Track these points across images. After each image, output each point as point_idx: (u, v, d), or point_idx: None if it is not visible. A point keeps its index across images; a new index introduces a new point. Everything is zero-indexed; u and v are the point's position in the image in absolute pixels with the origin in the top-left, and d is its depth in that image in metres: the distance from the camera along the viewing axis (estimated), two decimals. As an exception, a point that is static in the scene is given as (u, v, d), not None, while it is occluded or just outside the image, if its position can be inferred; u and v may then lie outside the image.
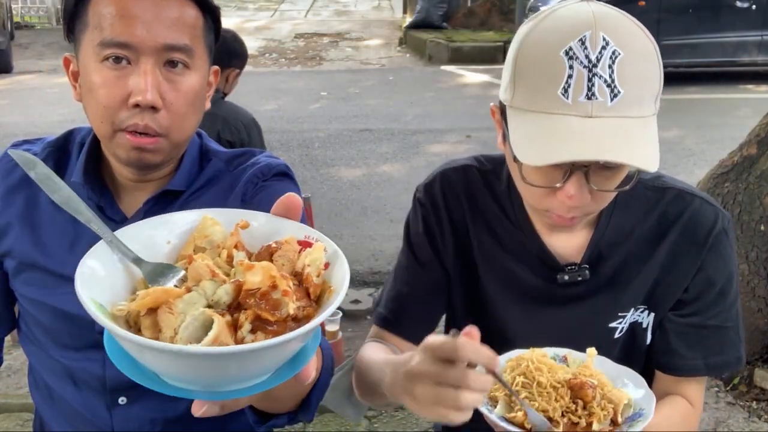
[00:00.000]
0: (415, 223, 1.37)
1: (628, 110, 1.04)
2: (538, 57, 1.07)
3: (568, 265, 1.28)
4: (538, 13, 1.14)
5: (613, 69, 1.03)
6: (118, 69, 1.11)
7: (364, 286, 4.34)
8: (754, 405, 3.18)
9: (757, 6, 9.24)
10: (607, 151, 1.02)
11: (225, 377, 0.65)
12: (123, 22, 1.09)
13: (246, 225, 0.75)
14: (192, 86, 1.16)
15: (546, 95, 1.05)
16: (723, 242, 1.27)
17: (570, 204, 1.10)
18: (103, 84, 1.11)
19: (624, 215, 1.27)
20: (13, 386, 3.35)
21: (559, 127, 1.03)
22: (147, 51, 1.10)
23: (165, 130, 1.13)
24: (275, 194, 1.05)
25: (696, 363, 1.29)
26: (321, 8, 17.82)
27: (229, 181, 1.26)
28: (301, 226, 0.76)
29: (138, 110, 1.10)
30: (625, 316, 1.30)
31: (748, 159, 3.31)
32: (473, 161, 1.37)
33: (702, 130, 7.24)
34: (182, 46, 1.13)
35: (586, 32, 1.04)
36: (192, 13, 1.15)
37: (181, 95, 1.14)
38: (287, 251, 0.71)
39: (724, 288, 1.28)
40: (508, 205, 1.32)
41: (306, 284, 0.69)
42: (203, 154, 1.29)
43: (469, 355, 0.93)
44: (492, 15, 13.31)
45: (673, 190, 1.29)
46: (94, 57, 1.12)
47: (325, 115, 8.33)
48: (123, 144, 1.13)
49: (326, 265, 0.71)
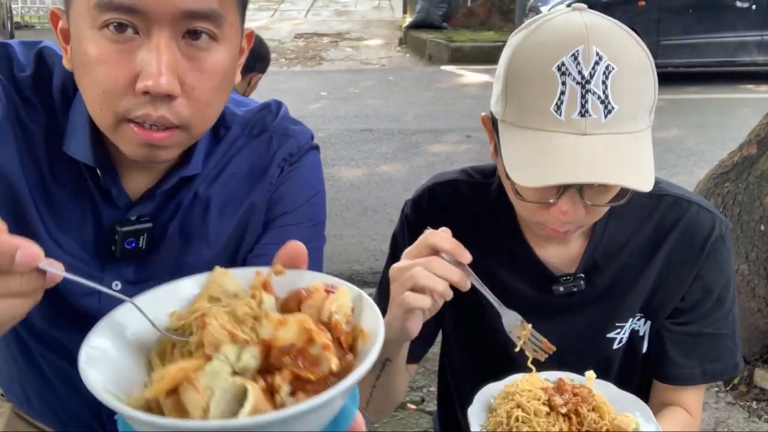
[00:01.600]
0: (402, 240, 1.35)
1: (622, 126, 1.02)
2: (529, 72, 1.05)
3: (563, 276, 1.26)
4: (530, 23, 1.11)
5: (607, 84, 1.01)
6: (122, 40, 0.84)
7: (364, 286, 4.33)
8: (754, 405, 3.18)
9: (757, 6, 9.24)
10: (601, 174, 1.00)
11: None
12: None
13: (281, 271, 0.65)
14: (220, 64, 0.90)
15: (538, 112, 1.03)
16: (720, 249, 1.26)
17: (564, 219, 1.09)
18: (101, 59, 0.85)
19: (619, 224, 1.26)
20: (13, 386, 3.35)
21: (553, 146, 1.01)
22: (161, 18, 0.83)
23: (184, 121, 0.89)
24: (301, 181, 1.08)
25: (693, 371, 1.28)
26: (321, 8, 17.82)
27: (249, 156, 1.07)
28: (316, 273, 0.67)
29: (149, 98, 0.85)
30: (623, 326, 1.29)
31: (748, 159, 3.31)
32: (462, 175, 1.35)
33: (702, 130, 7.24)
34: (208, 11, 0.85)
35: (579, 47, 1.01)
36: None
37: (206, 77, 0.88)
38: (317, 300, 0.63)
39: (721, 295, 1.27)
40: (500, 217, 1.29)
41: (336, 333, 0.61)
42: (219, 121, 1.04)
43: (432, 240, 1.04)
44: (492, 15, 13.31)
45: (669, 197, 1.27)
46: (89, 20, 0.84)
47: (325, 115, 8.33)
48: (129, 138, 0.89)
49: (353, 310, 0.65)
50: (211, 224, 1.06)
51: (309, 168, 1.10)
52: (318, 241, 1.12)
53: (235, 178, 1.07)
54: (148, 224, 1.01)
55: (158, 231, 1.03)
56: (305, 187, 1.10)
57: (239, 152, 1.07)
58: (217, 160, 1.06)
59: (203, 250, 1.06)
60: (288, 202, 1.08)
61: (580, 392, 1.06)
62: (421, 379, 3.36)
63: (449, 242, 1.05)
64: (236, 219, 1.07)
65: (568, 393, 1.05)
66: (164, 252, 1.04)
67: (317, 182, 1.12)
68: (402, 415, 3.11)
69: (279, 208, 1.07)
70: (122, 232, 0.99)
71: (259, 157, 1.07)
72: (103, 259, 1.03)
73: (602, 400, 1.07)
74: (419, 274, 1.02)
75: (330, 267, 4.56)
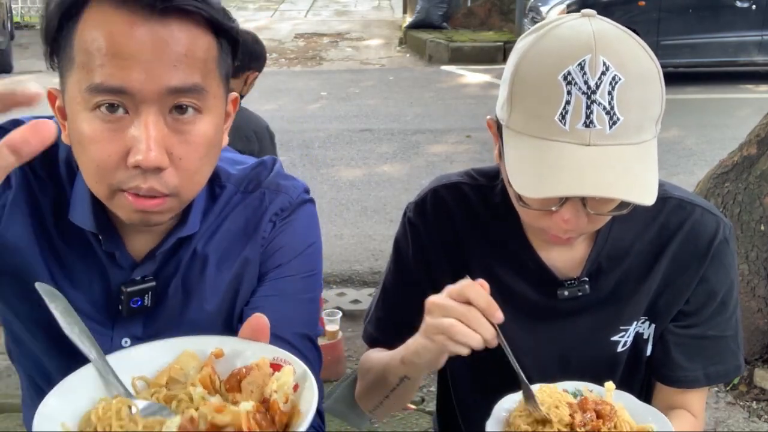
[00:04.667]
0: (404, 243, 1.34)
1: (627, 137, 1.01)
2: (535, 80, 1.04)
3: (568, 280, 1.25)
4: (538, 28, 1.10)
5: (613, 95, 1.00)
6: (113, 120, 0.90)
7: (364, 286, 4.34)
8: (754, 405, 3.18)
9: (757, 6, 9.24)
10: (604, 186, 1.00)
11: None
12: (115, 63, 0.87)
13: (220, 354, 0.76)
14: (205, 134, 0.95)
15: (543, 120, 1.02)
16: (724, 252, 1.25)
17: (566, 227, 1.08)
18: (94, 138, 0.91)
19: (624, 228, 1.25)
20: (13, 386, 3.35)
21: (555, 157, 1.01)
22: (148, 98, 0.89)
23: (174, 190, 0.94)
24: (295, 233, 1.12)
25: (697, 374, 1.27)
26: (321, 8, 17.82)
27: (243, 213, 1.12)
28: (271, 348, 0.76)
29: (140, 171, 0.91)
30: (628, 330, 1.28)
31: (748, 159, 3.31)
32: (465, 177, 1.34)
33: (702, 130, 7.25)
34: (191, 86, 0.92)
35: (586, 56, 1.00)
36: (203, 43, 0.93)
37: (192, 148, 0.94)
38: (256, 377, 0.71)
39: (725, 298, 1.27)
40: (504, 220, 1.28)
41: (272, 412, 0.68)
42: (214, 181, 1.10)
43: (470, 294, 1.03)
44: (492, 15, 13.30)
45: (673, 200, 1.26)
46: (82, 103, 0.91)
47: (325, 115, 8.34)
48: (124, 206, 0.95)
49: (295, 387, 0.70)
50: (209, 280, 1.10)
51: (303, 221, 1.14)
52: (313, 292, 1.16)
53: (230, 234, 1.11)
54: (151, 283, 1.06)
55: (161, 288, 1.08)
56: (299, 240, 1.14)
57: (234, 209, 1.12)
58: (213, 218, 1.11)
59: (204, 305, 1.10)
60: (282, 253, 1.12)
61: (602, 410, 1.05)
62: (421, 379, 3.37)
63: (484, 300, 1.04)
64: (231, 274, 1.11)
65: (590, 412, 1.05)
66: (168, 308, 1.09)
67: (312, 234, 1.16)
68: (402, 415, 3.11)
69: (273, 261, 1.12)
70: (128, 292, 1.05)
71: (252, 212, 1.12)
72: (112, 318, 1.08)
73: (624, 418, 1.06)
74: (457, 329, 1.03)
75: (330, 267, 4.55)
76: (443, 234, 1.31)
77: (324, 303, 3.92)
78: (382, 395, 1.26)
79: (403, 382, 1.21)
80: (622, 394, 1.12)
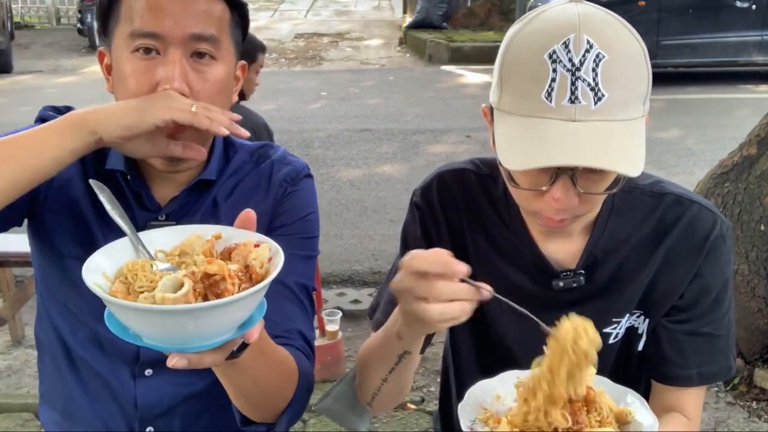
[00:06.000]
0: (412, 227, 1.36)
1: (612, 114, 1.03)
2: (522, 60, 1.07)
3: (564, 271, 1.27)
4: (527, 14, 1.13)
5: (597, 72, 1.02)
6: (148, 59, 1.16)
7: (364, 286, 4.34)
8: (754, 405, 3.19)
9: (757, 6, 9.25)
10: (587, 157, 1.01)
11: (184, 334, 0.85)
12: (152, 14, 1.15)
13: (219, 236, 1.00)
14: (219, 76, 1.21)
15: (530, 98, 1.04)
16: (720, 248, 1.26)
17: (557, 207, 1.09)
18: (133, 73, 1.16)
19: (620, 221, 1.26)
20: (13, 386, 3.35)
21: (542, 131, 1.03)
22: (175, 41, 1.15)
23: None
24: (299, 201, 1.34)
25: (690, 373, 1.28)
26: (321, 8, 17.83)
27: (256, 177, 1.34)
28: (256, 235, 0.99)
29: None
30: (620, 322, 1.29)
31: (748, 159, 3.32)
32: (470, 165, 1.36)
33: (702, 130, 7.25)
34: (209, 36, 1.18)
35: (570, 35, 1.03)
36: (218, 7, 1.20)
37: (208, 85, 1.19)
38: (241, 250, 0.95)
39: (719, 295, 1.28)
40: (504, 210, 1.30)
41: (250, 272, 0.92)
42: (228, 146, 1.36)
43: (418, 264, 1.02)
44: (492, 15, 13.32)
45: (671, 196, 1.27)
46: (125, 48, 1.17)
47: (325, 115, 8.34)
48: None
49: (270, 260, 0.93)
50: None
51: (305, 191, 1.36)
52: (311, 251, 1.36)
53: (244, 193, 1.33)
54: (171, 222, 1.26)
55: None
56: (302, 207, 1.35)
57: (248, 174, 1.35)
58: (228, 176, 1.33)
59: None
60: (287, 216, 1.32)
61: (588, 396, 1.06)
62: (421, 379, 3.37)
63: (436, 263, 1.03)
64: None
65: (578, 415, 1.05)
66: None
67: (312, 204, 1.37)
68: (402, 415, 3.11)
69: (279, 221, 1.32)
70: (152, 225, 1.23)
71: (264, 177, 1.35)
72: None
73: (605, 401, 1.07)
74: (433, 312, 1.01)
75: (330, 267, 4.55)
76: (447, 218, 1.33)
77: (324, 303, 3.92)
78: (380, 379, 1.26)
79: (403, 359, 1.20)
80: (602, 379, 1.13)
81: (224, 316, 0.86)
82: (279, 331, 1.24)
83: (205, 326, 0.85)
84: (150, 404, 1.30)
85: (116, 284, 0.90)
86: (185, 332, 0.85)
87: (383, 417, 3.09)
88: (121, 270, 0.92)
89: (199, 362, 0.90)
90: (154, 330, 0.86)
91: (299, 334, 1.28)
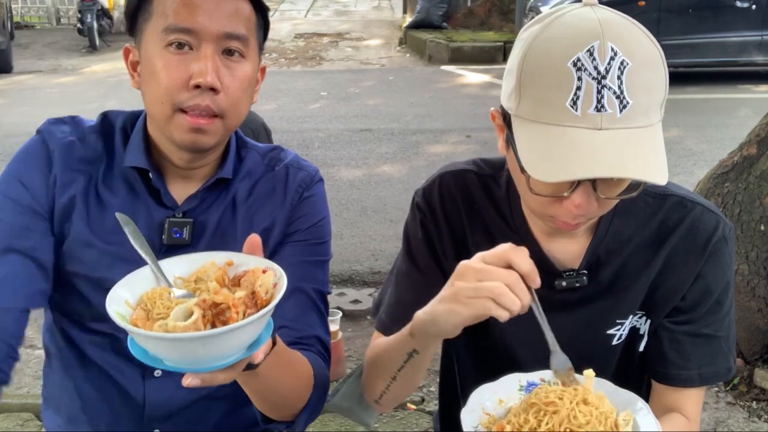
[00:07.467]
0: (414, 228, 1.36)
1: (636, 120, 1.03)
2: (544, 67, 1.05)
3: (567, 271, 1.27)
4: (542, 18, 1.12)
5: (622, 80, 1.01)
6: (181, 54, 1.19)
7: (364, 286, 4.34)
8: (754, 405, 3.18)
9: (757, 6, 9.24)
10: (617, 168, 1.01)
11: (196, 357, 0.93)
12: (186, 9, 1.18)
13: (231, 263, 1.07)
14: (246, 73, 1.25)
15: (554, 107, 1.03)
16: (722, 250, 1.26)
17: (577, 213, 1.09)
18: (165, 67, 1.19)
19: (624, 222, 1.27)
20: (13, 386, 3.34)
21: (570, 141, 1.02)
22: (208, 37, 1.18)
23: (222, 112, 1.22)
24: (313, 206, 1.39)
25: (690, 374, 1.28)
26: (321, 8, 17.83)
27: (271, 180, 1.38)
28: (263, 261, 1.05)
29: (198, 91, 1.18)
30: (624, 323, 1.29)
31: (748, 159, 3.31)
32: (472, 165, 1.36)
33: (702, 130, 7.25)
34: (240, 35, 1.22)
35: (594, 42, 1.02)
36: (247, 7, 1.25)
37: (237, 80, 1.23)
38: (249, 277, 1.02)
39: (721, 297, 1.28)
40: (506, 210, 1.30)
41: (256, 298, 0.98)
42: (240, 145, 1.40)
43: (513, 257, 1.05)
44: (492, 15, 13.32)
45: (674, 197, 1.27)
46: (158, 43, 1.20)
47: (325, 115, 8.34)
48: (181, 124, 1.21)
49: (275, 285, 1.00)
50: (241, 228, 1.33)
51: (319, 197, 1.41)
52: (325, 256, 1.40)
53: (260, 195, 1.37)
54: (189, 219, 1.31)
55: (199, 228, 1.32)
56: (316, 213, 1.39)
57: (263, 177, 1.38)
58: (243, 175, 1.37)
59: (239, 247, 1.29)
60: (302, 221, 1.37)
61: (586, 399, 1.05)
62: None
63: (528, 265, 1.05)
64: (261, 228, 1.34)
65: None
66: (206, 246, 1.30)
67: (324, 209, 1.42)
68: (402, 415, 3.11)
69: (294, 227, 1.37)
70: (170, 221, 1.30)
71: (280, 182, 1.38)
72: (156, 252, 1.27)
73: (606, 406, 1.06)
74: (502, 291, 1.03)
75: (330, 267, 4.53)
76: (448, 219, 1.33)
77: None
78: (389, 377, 1.26)
79: (412, 358, 1.20)
80: (603, 381, 1.12)
81: (230, 341, 0.93)
82: (298, 338, 1.30)
83: (214, 350, 0.92)
84: (158, 404, 1.32)
85: (137, 311, 0.98)
86: (196, 355, 0.92)
87: (383, 417, 3.09)
88: (142, 298, 1.00)
89: (212, 380, 0.96)
90: (168, 354, 0.94)
91: (317, 340, 1.33)
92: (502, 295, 1.03)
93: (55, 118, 1.36)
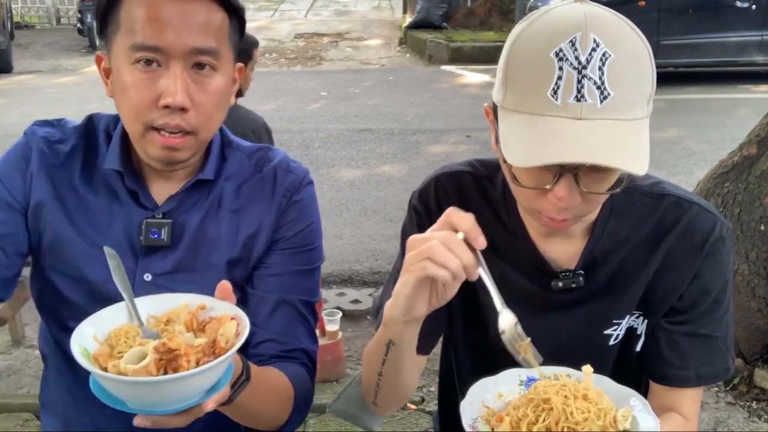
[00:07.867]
0: (410, 230, 1.35)
1: (618, 113, 1.03)
2: (528, 58, 1.06)
3: (563, 271, 1.27)
4: (532, 14, 1.13)
5: (603, 71, 1.02)
6: (149, 71, 1.16)
7: (364, 286, 4.34)
8: (754, 405, 3.18)
9: (757, 6, 9.24)
10: (593, 155, 1.01)
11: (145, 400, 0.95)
12: (154, 26, 1.14)
13: (204, 307, 1.08)
14: (218, 87, 1.22)
15: (535, 96, 1.04)
16: (720, 250, 1.26)
17: (560, 206, 1.09)
18: (134, 85, 1.17)
19: (620, 222, 1.26)
20: (13, 386, 3.35)
21: (547, 129, 1.02)
22: (176, 54, 1.16)
23: (193, 129, 1.20)
24: (301, 211, 1.36)
25: (688, 374, 1.28)
26: (321, 8, 17.83)
27: (259, 182, 1.35)
28: (232, 307, 1.06)
29: (168, 111, 1.16)
30: (620, 323, 1.29)
31: (748, 159, 3.31)
32: (468, 167, 1.36)
33: (702, 130, 7.25)
34: (209, 49, 1.18)
35: (576, 33, 1.03)
36: (218, 16, 1.20)
37: (208, 96, 1.20)
38: (214, 325, 1.04)
39: (719, 297, 1.27)
40: (502, 211, 1.30)
41: (215, 347, 0.99)
42: (225, 145, 1.37)
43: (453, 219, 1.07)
44: (492, 15, 13.31)
45: (671, 197, 1.27)
46: (125, 59, 1.17)
47: (325, 115, 8.34)
48: (153, 142, 1.20)
49: (237, 334, 1.01)
50: (225, 231, 1.32)
51: (308, 201, 1.38)
52: (314, 263, 1.38)
53: (247, 196, 1.34)
54: (168, 220, 1.29)
55: (179, 229, 1.30)
56: (304, 218, 1.36)
57: (249, 179, 1.35)
58: (227, 176, 1.34)
59: (222, 251, 1.31)
60: (289, 227, 1.34)
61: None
62: (421, 379, 3.36)
63: (468, 224, 1.07)
64: (247, 233, 1.32)
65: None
66: (185, 248, 1.30)
67: (313, 214, 1.39)
68: (402, 415, 3.11)
69: (280, 233, 1.34)
70: (147, 222, 1.29)
71: (268, 184, 1.35)
72: (135, 254, 1.30)
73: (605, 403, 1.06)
74: (436, 248, 1.04)
75: (330, 267, 4.55)
76: None
77: (324, 303, 3.92)
78: (376, 374, 1.26)
79: (390, 349, 1.20)
80: (601, 378, 1.12)
81: (177, 388, 0.94)
82: (284, 351, 1.30)
83: (162, 395, 0.94)
84: None
85: (102, 346, 1.00)
86: (145, 399, 0.95)
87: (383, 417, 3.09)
88: (110, 334, 1.03)
89: (165, 424, 0.97)
90: (119, 394, 0.96)
91: (302, 352, 1.33)
92: (437, 254, 1.04)
93: (42, 120, 1.36)
